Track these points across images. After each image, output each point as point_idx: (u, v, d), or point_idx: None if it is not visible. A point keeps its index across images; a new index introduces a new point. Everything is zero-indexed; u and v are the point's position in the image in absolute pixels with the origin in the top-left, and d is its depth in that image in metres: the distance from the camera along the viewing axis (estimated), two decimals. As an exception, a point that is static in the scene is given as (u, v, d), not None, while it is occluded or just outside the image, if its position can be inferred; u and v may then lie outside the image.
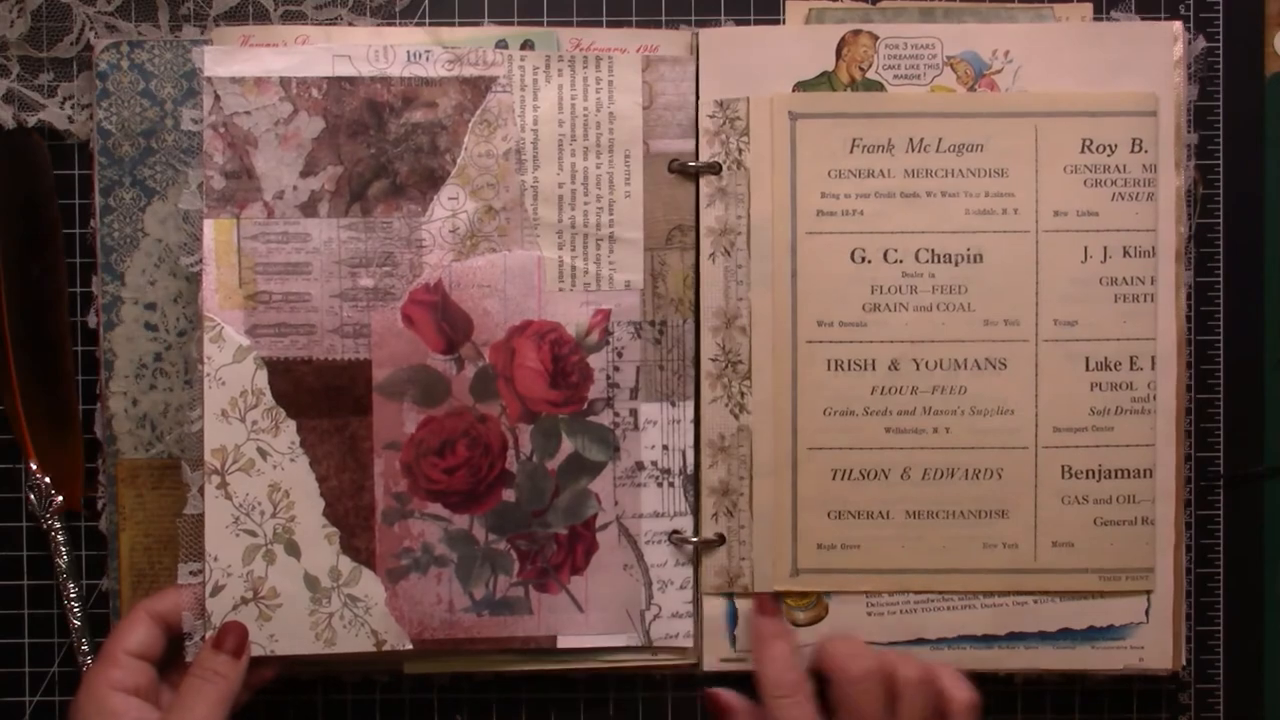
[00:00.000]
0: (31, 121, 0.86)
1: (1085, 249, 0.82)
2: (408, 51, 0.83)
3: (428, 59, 0.83)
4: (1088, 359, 0.82)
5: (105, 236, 0.85)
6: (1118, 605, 0.84)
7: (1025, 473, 0.83)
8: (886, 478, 0.83)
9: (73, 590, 0.86)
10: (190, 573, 0.81)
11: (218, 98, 0.82)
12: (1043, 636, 0.84)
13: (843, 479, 0.83)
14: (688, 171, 0.84)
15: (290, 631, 0.82)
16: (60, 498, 0.86)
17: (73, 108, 0.86)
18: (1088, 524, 0.83)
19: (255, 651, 0.81)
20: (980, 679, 0.86)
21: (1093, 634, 0.84)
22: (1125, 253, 0.82)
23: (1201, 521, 0.88)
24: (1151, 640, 0.85)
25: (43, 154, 0.86)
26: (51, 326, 0.86)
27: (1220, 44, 0.88)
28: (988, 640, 0.85)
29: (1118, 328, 0.82)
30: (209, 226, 0.82)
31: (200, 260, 0.82)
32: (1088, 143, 0.82)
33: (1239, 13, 0.88)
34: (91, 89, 0.84)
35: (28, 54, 0.86)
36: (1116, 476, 0.82)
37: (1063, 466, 0.82)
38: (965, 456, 0.83)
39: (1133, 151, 0.83)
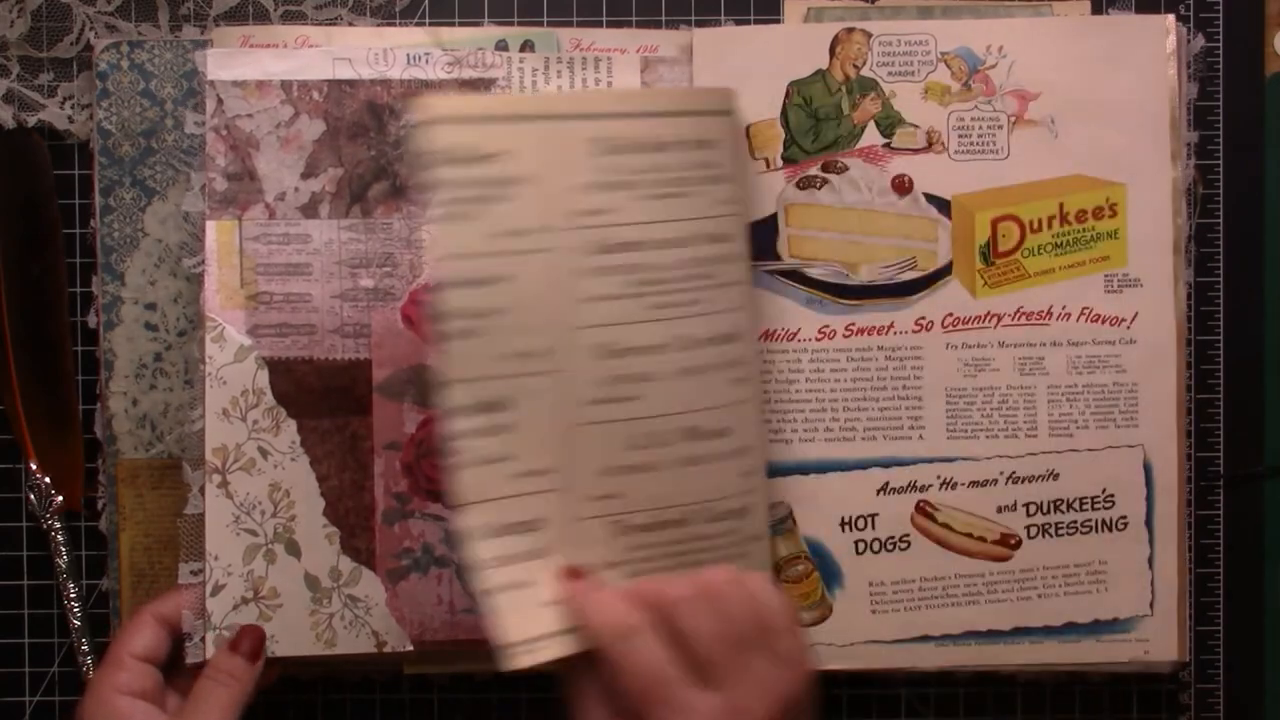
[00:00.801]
0: (31, 121, 0.86)
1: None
2: (407, 54, 0.83)
3: (427, 61, 0.83)
4: None
5: (105, 236, 0.85)
6: (1122, 598, 0.84)
7: None
8: None
9: (73, 590, 0.86)
10: (191, 572, 0.81)
11: (220, 101, 0.82)
12: (1048, 631, 0.84)
13: None
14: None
15: (291, 632, 0.81)
16: (60, 498, 0.85)
17: (73, 108, 0.86)
18: None
19: (258, 653, 0.81)
20: (981, 679, 0.87)
21: (1097, 628, 0.84)
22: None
23: (1201, 521, 0.88)
24: (1156, 632, 0.85)
25: (43, 154, 0.86)
26: (51, 326, 0.86)
27: (1220, 43, 0.88)
28: (993, 636, 0.84)
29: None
30: (211, 228, 0.82)
31: (202, 261, 0.82)
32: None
33: (1239, 12, 0.88)
34: (91, 89, 0.85)
35: (28, 54, 0.86)
36: None
37: None
38: None
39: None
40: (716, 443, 0.79)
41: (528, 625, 0.74)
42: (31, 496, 0.86)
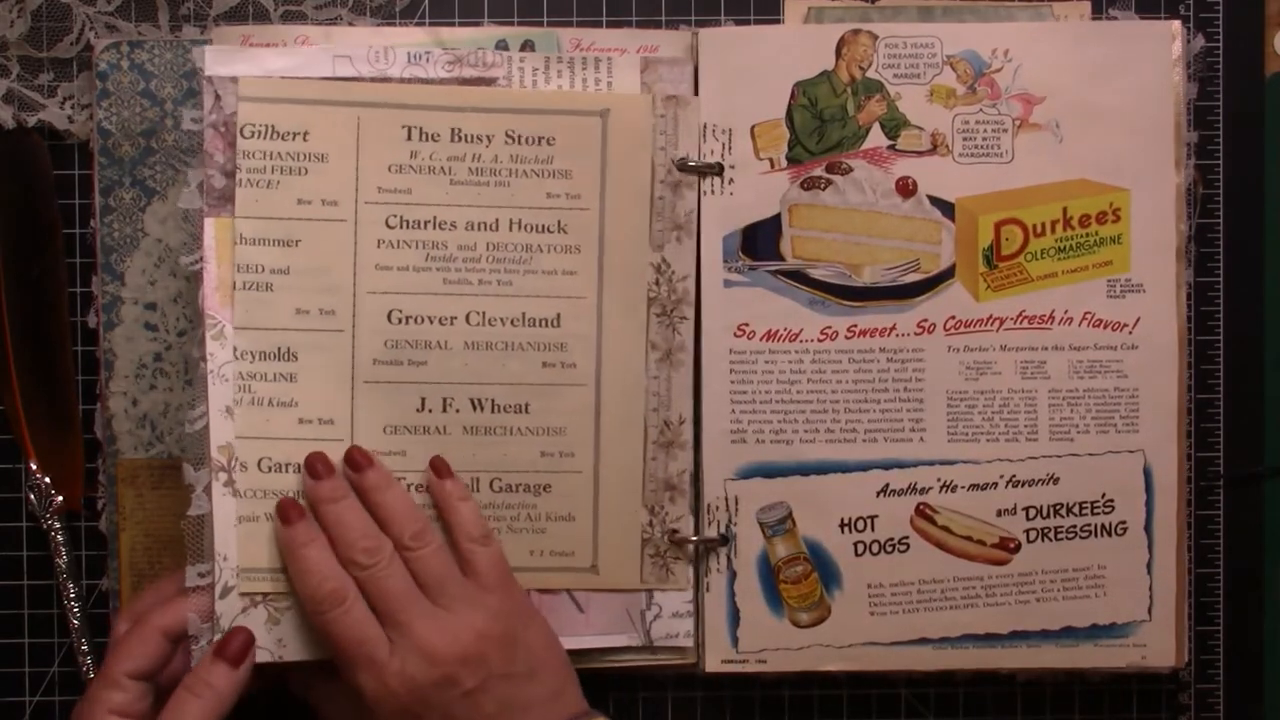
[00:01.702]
0: (31, 121, 0.85)
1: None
2: (408, 53, 0.82)
3: (428, 60, 0.83)
4: None
5: (105, 236, 0.84)
6: (1121, 603, 0.85)
7: None
8: None
9: (73, 590, 0.86)
10: (199, 575, 0.80)
11: (218, 97, 0.81)
12: (1045, 635, 0.85)
13: None
14: (689, 170, 0.84)
15: (298, 636, 0.80)
16: (60, 498, 0.85)
17: (73, 108, 0.85)
18: None
19: (263, 657, 0.78)
20: (980, 680, 0.87)
21: (1095, 632, 0.85)
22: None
23: (1201, 522, 0.88)
24: (1154, 638, 0.85)
25: (43, 154, 0.85)
26: (51, 326, 0.85)
27: (1220, 44, 0.88)
28: (991, 639, 0.85)
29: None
30: (209, 225, 0.81)
31: (201, 259, 0.82)
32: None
33: (1239, 13, 0.88)
34: (91, 89, 0.84)
35: (28, 54, 0.85)
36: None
37: None
38: None
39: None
40: (512, 417, 0.82)
41: (265, 556, 0.80)
42: (31, 496, 0.86)
